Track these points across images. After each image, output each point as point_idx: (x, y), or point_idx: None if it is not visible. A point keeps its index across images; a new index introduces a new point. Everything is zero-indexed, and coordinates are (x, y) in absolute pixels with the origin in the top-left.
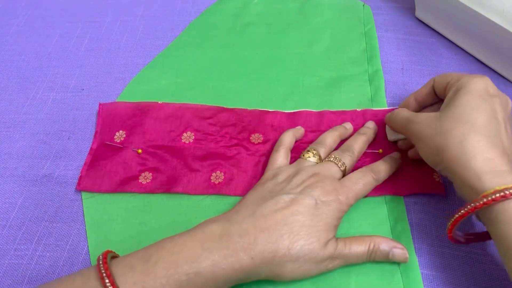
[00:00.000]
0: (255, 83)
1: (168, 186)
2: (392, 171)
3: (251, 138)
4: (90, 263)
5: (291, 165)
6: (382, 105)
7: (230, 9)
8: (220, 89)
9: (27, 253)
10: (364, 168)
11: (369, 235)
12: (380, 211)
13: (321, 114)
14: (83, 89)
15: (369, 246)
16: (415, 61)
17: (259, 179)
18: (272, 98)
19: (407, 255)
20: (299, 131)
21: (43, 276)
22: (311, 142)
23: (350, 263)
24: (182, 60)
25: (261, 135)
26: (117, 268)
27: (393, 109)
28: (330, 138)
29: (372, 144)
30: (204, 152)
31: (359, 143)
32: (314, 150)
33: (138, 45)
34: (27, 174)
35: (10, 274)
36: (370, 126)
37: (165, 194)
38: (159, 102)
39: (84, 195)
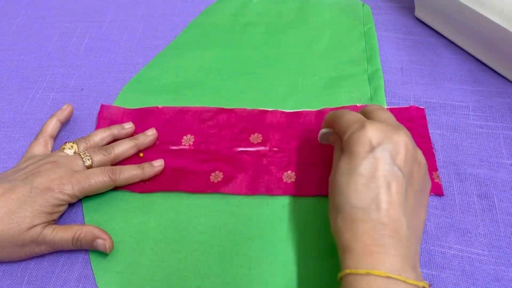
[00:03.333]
0: (254, 83)
1: (168, 185)
2: (141, 177)
3: (250, 138)
4: (90, 263)
5: (45, 154)
6: (382, 105)
7: (230, 9)
8: (220, 89)
9: None
10: (107, 167)
11: (81, 225)
12: None
13: (321, 112)
14: (82, 89)
15: (74, 234)
16: (414, 61)
17: (258, 178)
18: (271, 98)
19: (107, 246)
20: (64, 112)
21: (42, 276)
22: (311, 141)
23: (59, 249)
24: (182, 60)
25: (260, 135)
26: None
27: (393, 108)
28: (98, 135)
29: None
30: (204, 154)
31: (123, 146)
32: (73, 143)
33: (137, 45)
34: None
35: (9, 274)
36: (149, 134)
37: (165, 193)
38: (159, 107)
39: None
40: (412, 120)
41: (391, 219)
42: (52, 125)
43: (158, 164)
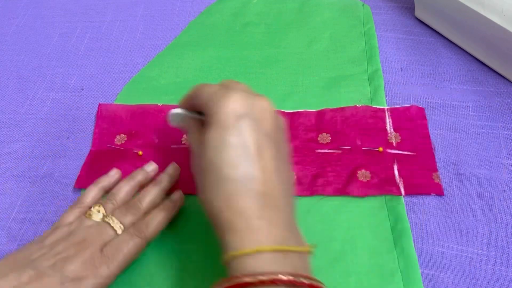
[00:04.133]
0: (254, 83)
1: None
2: (168, 218)
3: None
4: None
5: (73, 223)
6: (382, 105)
7: (230, 8)
8: None
9: None
10: (131, 229)
11: None
12: (380, 211)
13: (321, 112)
14: (82, 89)
15: None
16: (414, 61)
17: None
18: (271, 98)
19: None
20: (110, 180)
21: None
22: (311, 141)
23: None
24: (182, 60)
25: None
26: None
27: (393, 108)
28: (124, 190)
29: (372, 141)
30: None
31: (149, 196)
32: (99, 205)
33: (137, 45)
34: (27, 174)
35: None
36: (170, 172)
37: None
38: (159, 105)
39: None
40: (412, 120)
41: (268, 187)
42: (93, 195)
43: (178, 196)
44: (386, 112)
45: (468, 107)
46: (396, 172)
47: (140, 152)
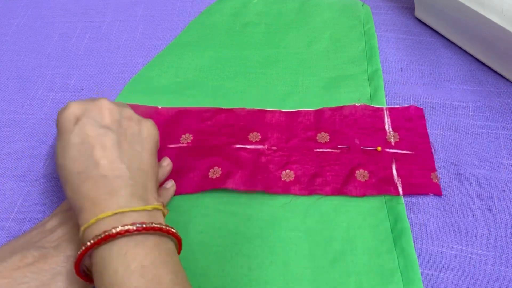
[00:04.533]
0: (254, 83)
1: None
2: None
3: (249, 136)
4: None
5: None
6: (381, 104)
7: (230, 9)
8: (220, 89)
9: None
10: None
11: None
12: (380, 211)
13: (319, 112)
14: (82, 89)
15: None
16: (414, 61)
17: (257, 175)
18: (271, 98)
19: None
20: None
21: None
22: (309, 140)
23: None
24: (182, 60)
25: (259, 134)
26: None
27: (392, 108)
28: None
29: (371, 141)
30: (202, 150)
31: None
32: None
33: (137, 45)
34: (27, 174)
35: None
36: (163, 165)
37: None
38: (158, 107)
39: None
40: (411, 120)
41: (110, 169)
42: None
43: (170, 185)
44: (385, 112)
45: (468, 107)
46: (394, 171)
47: None
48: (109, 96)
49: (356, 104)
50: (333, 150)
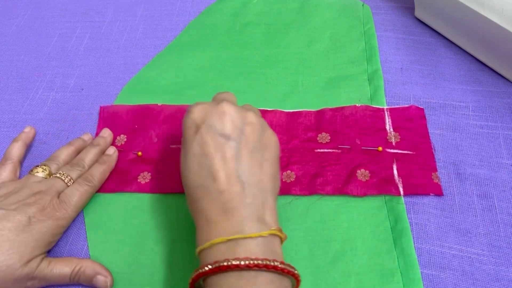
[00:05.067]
0: (254, 83)
1: (166, 186)
2: (108, 169)
3: None
4: None
5: (18, 180)
6: (381, 105)
7: (230, 9)
8: (220, 89)
9: None
10: (79, 179)
11: (80, 258)
12: (380, 211)
13: (320, 112)
14: (82, 89)
15: (74, 269)
16: (414, 61)
17: None
18: (271, 98)
19: (109, 284)
20: (28, 135)
21: None
22: (310, 140)
23: (53, 284)
24: (182, 60)
25: None
26: None
27: (392, 108)
28: (64, 153)
29: (372, 141)
30: None
31: (90, 155)
32: (44, 165)
33: (137, 45)
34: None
35: None
36: (105, 135)
37: (165, 194)
38: (158, 104)
39: None
40: (412, 120)
41: (228, 184)
42: (19, 149)
43: (112, 151)
44: (386, 112)
45: (468, 107)
46: (395, 171)
47: (140, 153)
48: (109, 96)
49: (357, 104)
50: (334, 150)
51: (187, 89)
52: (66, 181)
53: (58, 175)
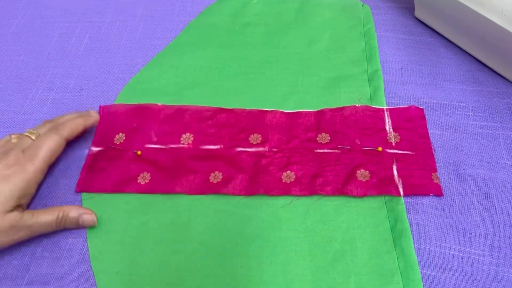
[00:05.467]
0: (254, 83)
1: (166, 186)
2: (82, 123)
3: (249, 139)
4: (90, 263)
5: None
6: (381, 105)
7: (230, 9)
8: (220, 89)
9: (26, 253)
10: (47, 131)
11: (60, 206)
12: (380, 211)
13: (320, 112)
14: (82, 89)
15: (58, 215)
16: (414, 61)
17: (257, 178)
18: (271, 98)
19: (95, 219)
20: (93, 119)
21: (43, 276)
22: (310, 141)
23: (40, 233)
24: (182, 60)
25: (259, 136)
26: None
27: (392, 108)
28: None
29: (371, 141)
30: (203, 153)
31: (68, 117)
32: (18, 134)
33: (137, 45)
34: None
35: (10, 274)
36: (93, 115)
37: (165, 194)
38: (158, 104)
39: (84, 196)
40: (412, 120)
41: None
42: (70, 124)
43: (95, 114)
44: (385, 112)
45: (468, 108)
46: (395, 172)
47: (139, 152)
48: (109, 97)
49: (357, 105)
50: (333, 151)
51: (187, 89)
52: (33, 137)
53: (26, 133)
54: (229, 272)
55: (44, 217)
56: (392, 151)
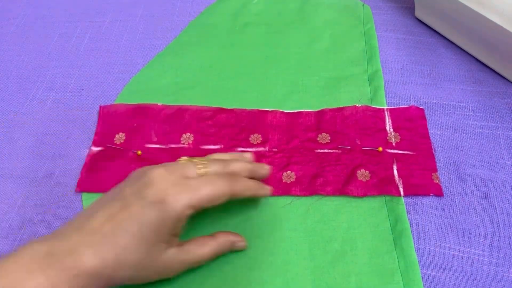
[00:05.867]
0: (254, 83)
1: None
2: (253, 190)
3: (250, 138)
4: None
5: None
6: (381, 105)
7: (230, 9)
8: (220, 89)
9: None
10: (223, 174)
11: (207, 236)
12: (380, 211)
13: (320, 112)
14: (82, 89)
15: (211, 249)
16: (414, 61)
17: None
18: (271, 98)
19: (245, 244)
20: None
21: None
22: (310, 141)
23: (193, 267)
24: (182, 60)
25: (260, 136)
26: None
27: (392, 108)
28: (216, 155)
29: (372, 141)
30: (203, 153)
31: (240, 164)
32: (188, 158)
33: (137, 45)
34: (27, 174)
35: None
36: (265, 167)
37: None
38: (158, 104)
39: (84, 195)
40: (412, 120)
41: None
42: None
43: (267, 167)
44: (386, 112)
45: (468, 108)
46: (395, 172)
47: (139, 152)
48: (109, 96)
49: (357, 105)
50: (334, 151)
51: (187, 89)
52: (199, 168)
53: (195, 160)
54: (229, 272)
55: (198, 252)
56: (392, 151)
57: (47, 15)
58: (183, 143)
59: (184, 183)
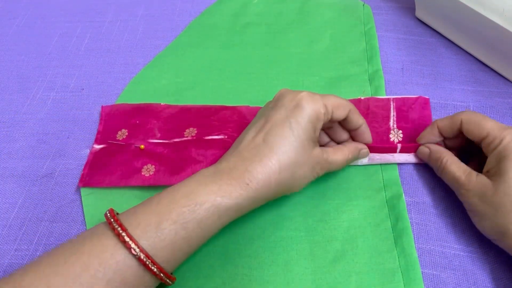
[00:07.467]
0: (255, 83)
1: (171, 177)
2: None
3: None
4: None
5: None
6: None
7: (230, 9)
8: (220, 89)
9: (27, 253)
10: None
11: (346, 144)
12: (381, 210)
13: None
14: (83, 89)
15: (347, 156)
16: (415, 61)
17: None
18: (271, 98)
19: (368, 151)
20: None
21: None
22: None
23: (338, 168)
24: (182, 60)
25: None
26: (122, 216)
27: (397, 98)
28: None
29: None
30: (207, 143)
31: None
32: None
33: (138, 45)
34: (27, 174)
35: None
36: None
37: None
38: (161, 104)
39: (83, 191)
40: (417, 111)
41: None
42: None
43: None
44: (391, 103)
45: (469, 107)
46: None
47: (142, 146)
48: (110, 96)
49: (361, 97)
50: None
51: (187, 89)
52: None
53: None
54: (230, 272)
55: (335, 157)
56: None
57: (48, 15)
58: (187, 136)
59: (314, 94)
